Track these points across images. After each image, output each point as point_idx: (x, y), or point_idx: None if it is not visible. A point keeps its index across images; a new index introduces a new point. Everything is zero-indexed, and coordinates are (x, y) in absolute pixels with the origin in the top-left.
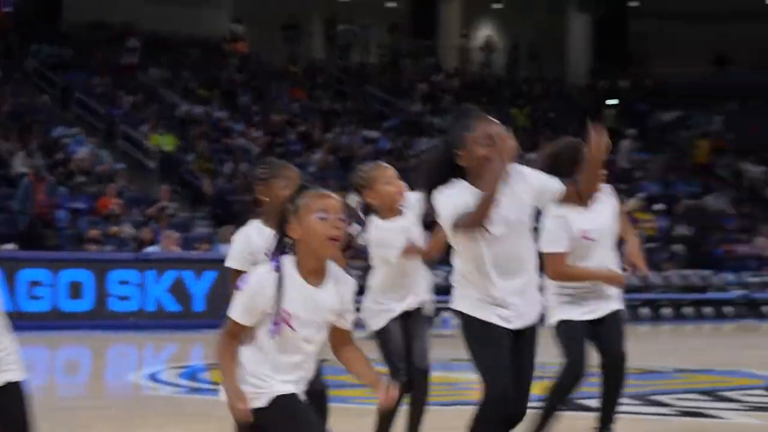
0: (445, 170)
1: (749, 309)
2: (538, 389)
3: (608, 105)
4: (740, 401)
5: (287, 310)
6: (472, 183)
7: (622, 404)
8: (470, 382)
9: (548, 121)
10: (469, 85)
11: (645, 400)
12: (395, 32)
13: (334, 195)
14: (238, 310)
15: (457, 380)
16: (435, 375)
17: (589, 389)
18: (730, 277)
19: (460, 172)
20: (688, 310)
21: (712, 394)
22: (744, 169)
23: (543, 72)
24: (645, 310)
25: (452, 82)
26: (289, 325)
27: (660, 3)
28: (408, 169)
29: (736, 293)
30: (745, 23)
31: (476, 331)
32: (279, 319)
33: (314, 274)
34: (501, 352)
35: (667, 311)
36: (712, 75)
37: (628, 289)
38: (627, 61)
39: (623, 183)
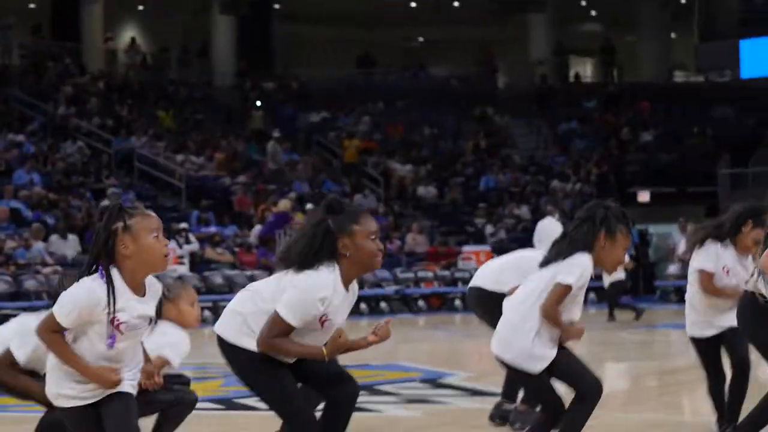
0: (323, 250)
1: (403, 304)
2: None
3: (255, 107)
4: (396, 394)
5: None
6: (344, 271)
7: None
8: None
9: (195, 123)
10: (115, 88)
11: None
12: (37, 33)
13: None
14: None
15: None
16: None
17: None
18: (384, 273)
19: (334, 256)
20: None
21: (370, 389)
22: (391, 168)
23: (190, 74)
24: None
25: (98, 84)
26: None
27: (304, 5)
28: (54, 172)
29: (390, 289)
30: (388, 26)
31: None
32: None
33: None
34: None
35: None
36: (357, 76)
37: None
38: (272, 63)
39: (272, 184)
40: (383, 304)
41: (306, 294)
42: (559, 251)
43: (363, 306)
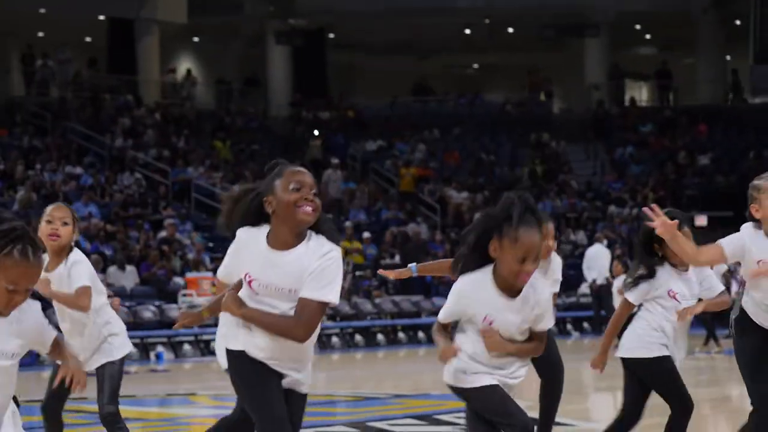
0: (255, 215)
1: None
2: None
3: (312, 136)
4: (456, 424)
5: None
6: (275, 229)
7: None
8: (188, 417)
9: (252, 153)
10: (171, 119)
11: (363, 427)
12: (94, 67)
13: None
14: None
15: (174, 415)
16: (152, 410)
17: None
18: (440, 301)
19: (266, 218)
20: (401, 336)
21: (429, 419)
22: (448, 195)
23: (246, 104)
24: (359, 338)
25: (154, 116)
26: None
27: (359, 34)
28: (112, 204)
29: None
30: (442, 53)
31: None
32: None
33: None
34: None
35: (381, 338)
36: (413, 104)
37: (343, 317)
38: (327, 92)
39: (330, 212)
40: (420, 334)
41: (229, 252)
42: None
43: (421, 335)
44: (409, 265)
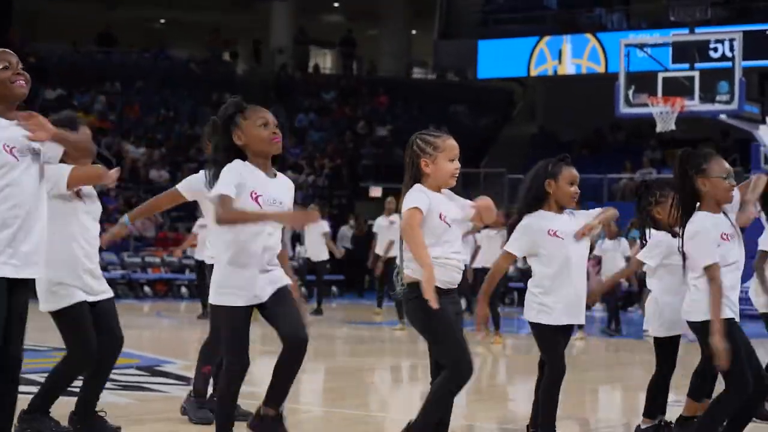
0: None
1: (129, 289)
2: None
3: None
4: (112, 380)
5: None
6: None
7: None
8: None
9: None
10: None
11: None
12: None
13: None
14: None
15: None
16: None
17: None
18: (111, 257)
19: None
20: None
21: None
22: (125, 149)
23: None
24: None
25: None
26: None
27: None
28: None
29: (117, 273)
30: (130, 4)
31: None
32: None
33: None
34: None
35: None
36: (96, 54)
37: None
38: (10, 37)
39: None
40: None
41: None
42: None
43: None
44: (120, 220)
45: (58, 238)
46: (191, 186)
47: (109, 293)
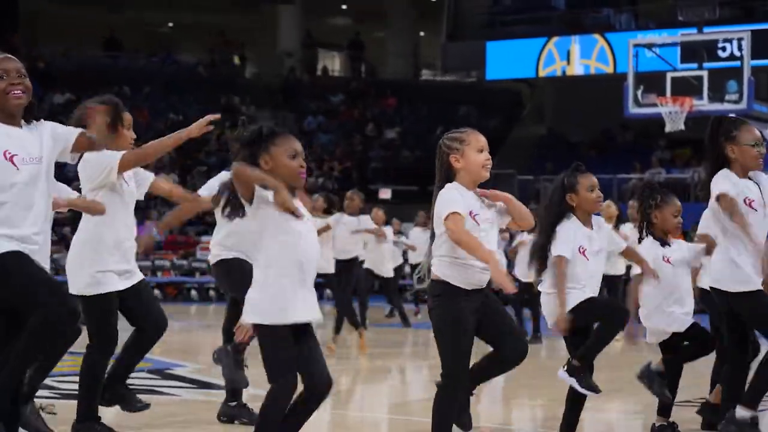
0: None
1: None
2: None
3: None
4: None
5: None
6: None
7: None
8: None
9: None
10: None
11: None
12: None
13: None
14: None
15: None
16: None
17: None
18: None
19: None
20: None
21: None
22: None
23: None
24: None
25: None
26: None
27: None
28: None
29: None
30: (136, 8)
31: None
32: None
33: None
34: None
35: None
36: (102, 59)
37: None
38: (16, 41)
39: None
40: None
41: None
42: None
43: None
44: (148, 230)
45: (106, 227)
46: (213, 191)
47: (141, 275)
